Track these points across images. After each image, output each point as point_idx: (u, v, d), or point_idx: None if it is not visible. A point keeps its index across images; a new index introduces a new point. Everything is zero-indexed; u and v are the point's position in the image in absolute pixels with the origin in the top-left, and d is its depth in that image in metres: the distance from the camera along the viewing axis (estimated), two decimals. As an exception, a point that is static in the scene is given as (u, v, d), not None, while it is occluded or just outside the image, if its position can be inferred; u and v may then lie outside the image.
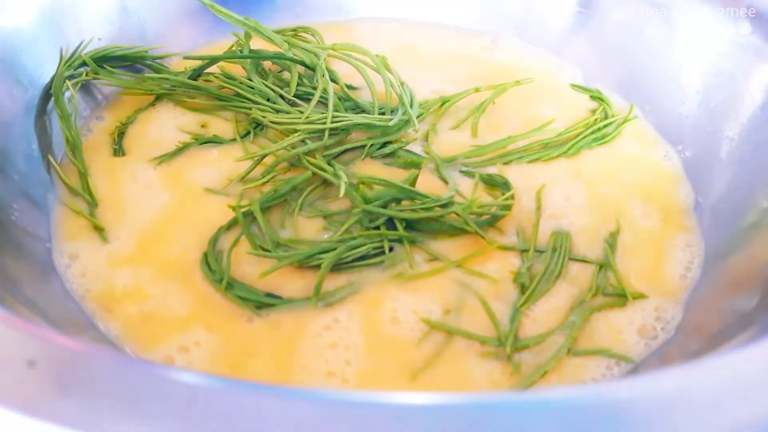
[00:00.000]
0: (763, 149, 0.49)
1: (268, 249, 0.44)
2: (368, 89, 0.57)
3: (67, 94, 0.52)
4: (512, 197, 0.49)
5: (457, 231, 0.47)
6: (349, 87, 0.58)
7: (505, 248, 0.46)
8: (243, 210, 0.46)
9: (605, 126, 0.56)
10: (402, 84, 0.56)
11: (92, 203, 0.49)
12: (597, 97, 0.59)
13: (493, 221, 0.48)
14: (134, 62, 0.58)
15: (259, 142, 0.54)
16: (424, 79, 0.61)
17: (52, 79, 0.53)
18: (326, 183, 0.50)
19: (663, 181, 0.53)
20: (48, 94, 0.53)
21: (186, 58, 0.58)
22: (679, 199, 0.52)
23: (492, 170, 0.53)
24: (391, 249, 0.45)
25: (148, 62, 0.59)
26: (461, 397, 0.27)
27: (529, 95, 0.59)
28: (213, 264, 0.44)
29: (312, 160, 0.51)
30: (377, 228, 0.46)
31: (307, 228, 0.47)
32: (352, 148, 0.53)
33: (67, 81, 0.53)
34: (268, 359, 0.40)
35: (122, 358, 0.28)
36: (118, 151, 0.53)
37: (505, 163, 0.53)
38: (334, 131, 0.52)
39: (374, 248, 0.45)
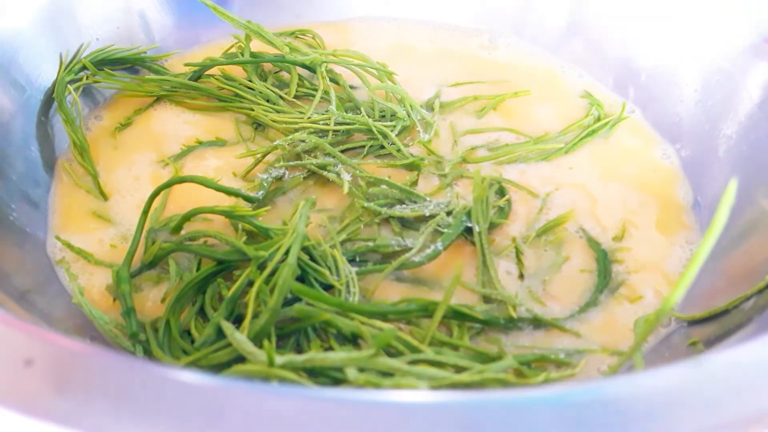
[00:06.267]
0: (761, 148, 0.50)
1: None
2: (367, 87, 0.57)
3: (68, 97, 0.52)
4: (509, 204, 0.49)
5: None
6: (350, 86, 0.58)
7: (497, 255, 0.47)
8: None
9: (601, 127, 0.56)
10: (403, 98, 0.56)
11: (104, 202, 0.49)
12: (591, 99, 0.59)
13: (489, 227, 0.48)
14: (134, 64, 0.59)
15: (259, 143, 0.54)
16: (422, 78, 0.61)
17: (54, 83, 0.53)
18: (324, 179, 0.50)
19: (661, 180, 0.53)
20: (50, 98, 0.53)
21: (187, 65, 0.58)
22: (677, 197, 0.52)
23: (491, 171, 0.53)
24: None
25: (148, 63, 0.59)
26: (461, 395, 0.27)
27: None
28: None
29: (312, 160, 0.51)
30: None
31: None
32: (353, 147, 0.53)
33: (68, 85, 0.53)
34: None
35: (120, 358, 0.28)
36: (118, 149, 0.53)
37: (503, 164, 0.54)
38: (335, 132, 0.53)
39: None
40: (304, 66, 0.57)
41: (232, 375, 0.32)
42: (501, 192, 0.50)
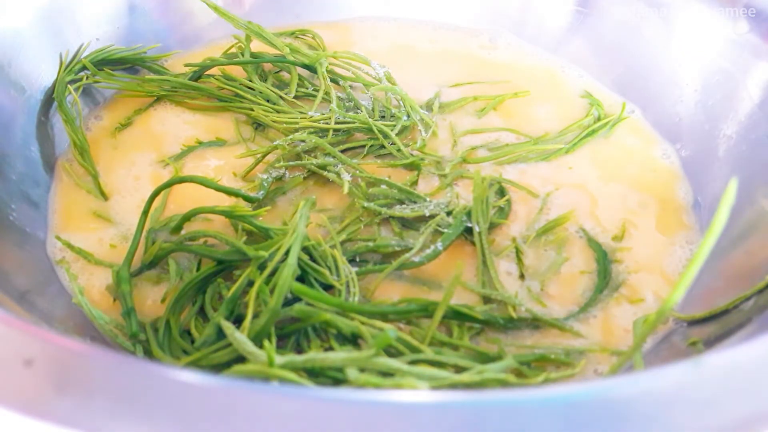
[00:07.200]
0: (760, 147, 0.50)
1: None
2: (366, 85, 0.57)
3: (68, 97, 0.52)
4: (509, 204, 0.49)
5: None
6: (350, 86, 0.58)
7: (497, 255, 0.47)
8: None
9: (601, 127, 0.56)
10: (403, 98, 0.56)
11: (104, 202, 0.49)
12: (591, 99, 0.59)
13: (489, 227, 0.48)
14: (134, 64, 0.59)
15: (259, 143, 0.54)
16: (422, 78, 0.61)
17: (54, 83, 0.53)
18: (324, 179, 0.50)
19: (661, 180, 0.53)
20: (50, 98, 0.53)
21: (187, 65, 0.58)
22: (677, 197, 0.52)
23: (491, 171, 0.53)
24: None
25: (148, 63, 0.59)
26: (462, 395, 0.27)
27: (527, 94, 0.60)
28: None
29: (312, 160, 0.51)
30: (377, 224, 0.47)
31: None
32: (353, 147, 0.53)
33: (68, 85, 0.53)
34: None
35: (120, 358, 0.28)
36: (118, 149, 0.53)
37: (503, 164, 0.54)
38: (336, 131, 0.53)
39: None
40: (304, 66, 0.58)
41: (232, 375, 0.32)
42: (501, 192, 0.50)
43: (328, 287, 0.41)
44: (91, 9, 0.58)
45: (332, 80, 0.57)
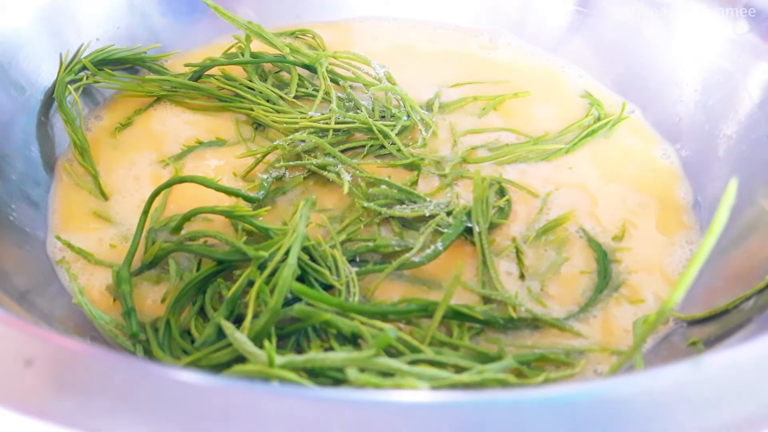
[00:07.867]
0: (760, 147, 0.50)
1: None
2: (366, 85, 0.57)
3: (68, 97, 0.52)
4: (509, 204, 0.49)
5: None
6: (350, 86, 0.58)
7: (497, 255, 0.47)
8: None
9: (601, 127, 0.56)
10: (403, 98, 0.56)
11: (104, 202, 0.49)
12: (591, 99, 0.59)
13: (489, 227, 0.48)
14: (134, 64, 0.59)
15: (259, 143, 0.54)
16: (422, 78, 0.61)
17: (54, 83, 0.53)
18: (324, 179, 0.50)
19: (661, 180, 0.53)
20: (50, 98, 0.53)
21: (187, 65, 0.58)
22: (677, 197, 0.52)
23: (491, 171, 0.53)
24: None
25: (148, 63, 0.59)
26: (462, 395, 0.27)
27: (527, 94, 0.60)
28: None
29: (312, 160, 0.51)
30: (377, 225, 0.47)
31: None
32: (353, 147, 0.53)
33: (68, 85, 0.53)
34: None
35: (120, 358, 0.28)
36: (118, 149, 0.53)
37: (503, 164, 0.54)
38: (336, 131, 0.53)
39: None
40: (304, 66, 0.58)
41: (232, 375, 0.32)
42: (501, 192, 0.50)
43: (328, 287, 0.41)
44: (91, 9, 0.58)
45: (332, 80, 0.57)
